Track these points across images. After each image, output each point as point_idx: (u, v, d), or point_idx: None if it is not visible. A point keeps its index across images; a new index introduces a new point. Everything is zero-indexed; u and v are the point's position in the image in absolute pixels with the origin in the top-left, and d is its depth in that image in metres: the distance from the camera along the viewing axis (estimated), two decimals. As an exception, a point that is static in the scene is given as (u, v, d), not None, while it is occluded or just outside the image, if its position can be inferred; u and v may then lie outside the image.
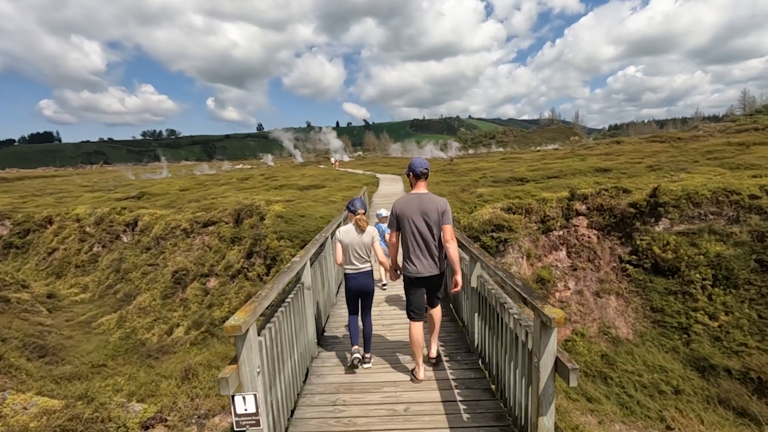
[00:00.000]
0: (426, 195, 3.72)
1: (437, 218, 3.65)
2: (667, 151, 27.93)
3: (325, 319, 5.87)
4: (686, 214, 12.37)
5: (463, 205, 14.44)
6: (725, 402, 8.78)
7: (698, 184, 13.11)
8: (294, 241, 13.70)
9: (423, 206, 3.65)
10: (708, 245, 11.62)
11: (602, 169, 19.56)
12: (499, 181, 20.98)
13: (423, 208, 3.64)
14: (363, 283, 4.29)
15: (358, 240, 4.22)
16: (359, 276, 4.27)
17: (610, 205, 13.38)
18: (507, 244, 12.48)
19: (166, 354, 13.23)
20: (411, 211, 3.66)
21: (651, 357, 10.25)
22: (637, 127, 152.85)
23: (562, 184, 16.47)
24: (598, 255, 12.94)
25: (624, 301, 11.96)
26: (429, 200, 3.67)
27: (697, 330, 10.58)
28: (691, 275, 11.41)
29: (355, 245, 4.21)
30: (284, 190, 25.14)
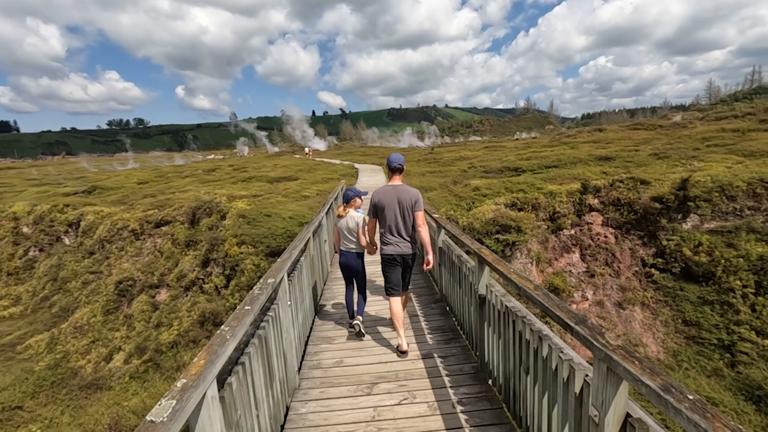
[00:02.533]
0: (401, 186, 4.13)
1: (410, 206, 4.07)
2: (659, 138, 26.61)
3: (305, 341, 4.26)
4: (719, 209, 10.66)
5: (459, 200, 12.37)
6: (798, 446, 7.10)
7: (727, 173, 11.43)
8: (258, 247, 11.34)
9: (398, 196, 4.07)
10: (748, 246, 9.94)
11: (604, 158, 17.86)
12: (491, 171, 19.05)
13: (398, 197, 4.07)
14: (350, 262, 4.58)
15: (344, 225, 4.57)
16: (348, 254, 4.61)
17: (629, 199, 11.57)
18: (515, 247, 10.49)
19: (100, 389, 10.75)
20: (388, 200, 4.07)
21: (694, 384, 8.50)
22: (609, 116, 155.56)
23: (565, 175, 14.63)
24: (617, 258, 11.13)
25: (651, 313, 10.20)
26: (403, 191, 4.10)
27: (744, 349, 8.89)
28: (731, 282, 9.71)
29: (342, 230, 4.58)
30: (252, 183, 22.53)
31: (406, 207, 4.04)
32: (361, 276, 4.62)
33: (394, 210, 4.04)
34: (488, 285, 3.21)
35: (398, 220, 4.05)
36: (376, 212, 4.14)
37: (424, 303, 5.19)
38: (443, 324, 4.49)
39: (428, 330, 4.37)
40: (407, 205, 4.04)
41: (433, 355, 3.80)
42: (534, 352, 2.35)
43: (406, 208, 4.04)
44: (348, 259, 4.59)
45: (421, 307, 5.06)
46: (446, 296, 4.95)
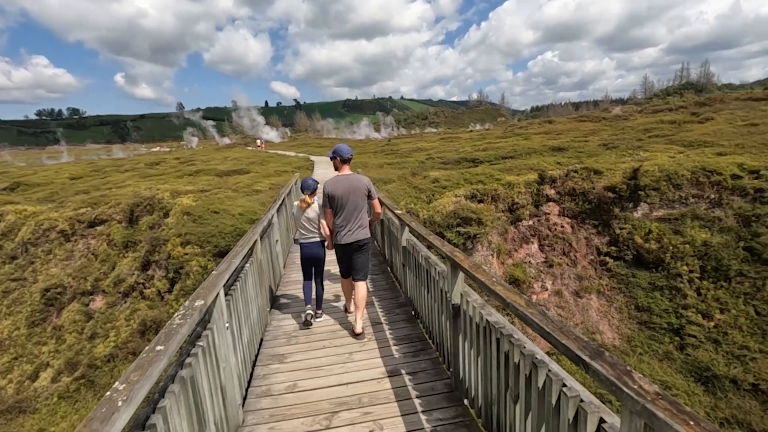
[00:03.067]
0: (352, 175, 4.24)
1: (364, 194, 4.23)
2: (605, 130, 27.77)
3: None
4: (666, 197, 11.05)
5: (419, 193, 12.05)
6: (743, 424, 7.42)
7: (671, 163, 11.89)
8: (204, 246, 10.44)
9: (351, 185, 4.17)
10: (693, 232, 10.37)
11: (556, 148, 18.22)
12: (449, 162, 18.94)
13: (351, 187, 4.16)
14: (312, 251, 4.62)
15: (309, 214, 4.60)
16: (310, 245, 4.62)
17: (583, 189, 11.76)
18: (476, 240, 10.33)
19: (24, 413, 9.53)
20: (341, 190, 4.14)
21: (648, 369, 8.74)
22: (556, 108, 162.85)
23: (522, 165, 14.72)
24: (574, 247, 11.29)
25: (606, 300, 10.43)
26: (355, 179, 4.21)
27: (692, 332, 9.26)
28: (678, 267, 10.10)
29: (302, 221, 4.62)
30: (200, 177, 21.11)
31: (359, 195, 4.18)
32: (321, 264, 4.70)
33: (349, 199, 4.15)
34: (463, 293, 2.82)
35: (352, 209, 4.18)
36: (330, 203, 4.20)
37: (387, 308, 4.76)
38: (410, 332, 4.08)
39: (394, 340, 3.94)
40: (360, 193, 4.19)
41: (401, 371, 3.37)
42: (526, 379, 1.97)
43: (359, 196, 4.19)
44: (311, 250, 4.62)
45: (385, 313, 4.63)
46: (412, 300, 4.54)
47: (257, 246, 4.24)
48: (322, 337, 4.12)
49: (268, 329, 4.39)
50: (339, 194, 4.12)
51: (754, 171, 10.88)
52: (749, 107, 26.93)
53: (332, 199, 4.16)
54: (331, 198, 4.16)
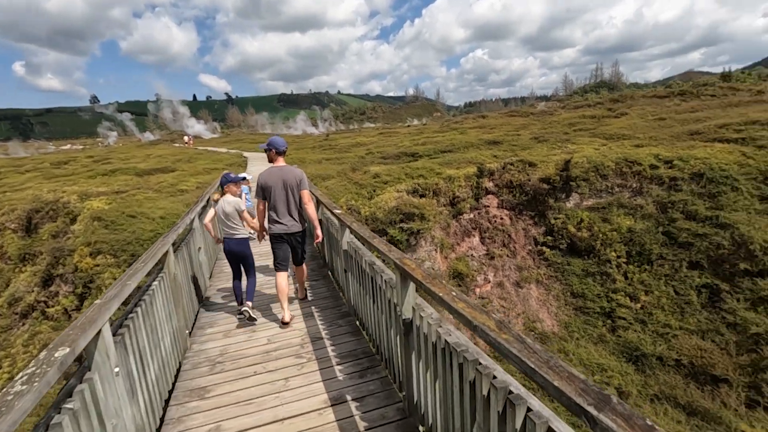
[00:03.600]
0: (285, 167, 4.28)
1: (296, 185, 4.23)
2: (534, 124, 29.13)
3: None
4: (595, 187, 11.61)
5: (360, 188, 11.61)
6: (671, 398, 7.90)
7: (597, 155, 12.53)
8: (119, 256, 9.20)
9: (284, 177, 4.20)
10: (619, 220, 10.98)
11: (492, 142, 18.68)
12: (389, 157, 18.70)
13: (284, 178, 4.20)
14: (234, 248, 4.52)
15: (220, 209, 4.52)
16: (229, 240, 4.53)
17: (520, 181, 12.02)
18: (419, 235, 10.12)
19: None
20: (274, 181, 4.18)
21: (585, 354, 9.08)
22: (487, 104, 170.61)
23: (460, 159, 14.82)
24: (513, 238, 11.51)
25: (545, 289, 10.74)
26: (288, 171, 4.24)
27: (621, 314, 9.79)
28: (607, 253, 10.64)
29: (219, 214, 4.53)
30: (116, 177, 18.98)
31: (292, 186, 4.20)
32: (250, 261, 4.58)
33: (281, 190, 4.17)
34: (416, 307, 2.43)
35: (285, 200, 4.21)
36: (264, 194, 4.22)
37: (329, 319, 4.27)
38: (355, 347, 3.64)
39: (337, 358, 3.48)
40: (293, 184, 4.20)
41: (346, 397, 2.92)
42: (499, 416, 1.61)
43: (292, 187, 4.20)
44: (230, 245, 4.52)
45: (326, 325, 4.14)
46: (356, 310, 4.10)
47: (169, 258, 3.56)
48: (254, 360, 3.55)
49: (187, 355, 3.73)
50: (272, 185, 4.15)
51: (668, 161, 11.76)
52: (655, 103, 29.61)
53: (265, 190, 4.18)
54: (264, 189, 4.19)
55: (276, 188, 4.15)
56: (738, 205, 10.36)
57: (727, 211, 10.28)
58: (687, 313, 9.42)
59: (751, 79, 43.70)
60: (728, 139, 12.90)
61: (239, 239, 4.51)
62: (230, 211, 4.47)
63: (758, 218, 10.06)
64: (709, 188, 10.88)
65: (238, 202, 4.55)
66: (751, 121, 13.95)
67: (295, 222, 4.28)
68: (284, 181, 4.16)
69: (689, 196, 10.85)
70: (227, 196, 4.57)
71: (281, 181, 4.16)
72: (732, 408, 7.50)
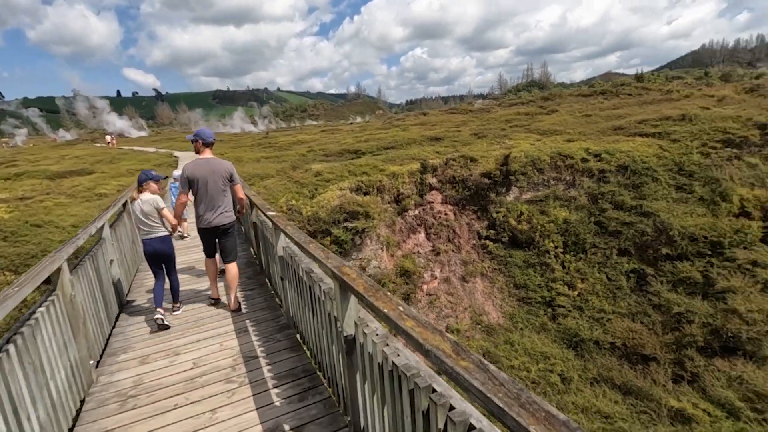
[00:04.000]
0: (213, 159, 4.20)
1: (225, 178, 4.18)
2: (473, 121, 29.98)
3: None
4: (532, 181, 12.00)
5: (301, 187, 11.09)
6: (608, 380, 8.29)
7: (533, 149, 12.99)
8: (21, 272, 7.99)
9: (212, 169, 4.11)
10: (555, 212, 11.43)
11: (434, 138, 18.85)
12: (332, 155, 18.25)
13: (212, 170, 4.10)
14: (156, 248, 4.33)
15: (138, 209, 4.29)
16: (152, 241, 4.32)
17: (462, 176, 12.14)
18: (365, 234, 9.83)
19: None
20: (201, 173, 4.07)
21: (529, 343, 9.32)
22: (428, 102, 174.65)
23: (403, 155, 14.75)
24: (458, 233, 11.59)
25: (489, 282, 10.92)
26: (216, 164, 4.16)
27: (560, 302, 10.18)
28: (546, 244, 11.03)
29: (137, 214, 4.30)
30: (22, 181, 16.77)
31: (220, 179, 4.13)
32: (172, 260, 4.44)
33: (209, 183, 4.08)
34: (359, 322, 2.12)
35: (213, 193, 4.12)
36: (190, 186, 4.12)
37: (265, 333, 3.83)
38: (295, 365, 3.25)
39: (274, 380, 3.08)
40: (222, 177, 4.14)
41: (284, 427, 2.54)
42: None
43: (220, 180, 4.13)
44: (153, 246, 4.32)
45: (262, 341, 3.70)
46: (296, 321, 3.71)
47: (62, 278, 2.95)
48: (175, 390, 3.05)
49: (92, 391, 3.13)
50: (199, 178, 4.04)
51: (597, 154, 12.45)
52: (581, 101, 31.61)
53: (192, 182, 4.07)
54: (190, 181, 4.07)
55: (203, 181, 4.05)
56: (658, 194, 11.19)
57: (649, 201, 11.05)
58: (618, 298, 9.99)
59: (660, 80, 48.50)
60: (647, 133, 13.94)
61: (162, 237, 4.34)
62: (149, 210, 4.25)
63: (675, 206, 10.92)
64: (633, 179, 11.64)
65: (156, 199, 4.33)
66: (664, 117, 15.20)
67: (224, 215, 4.22)
68: (212, 174, 4.07)
69: (616, 187, 11.55)
70: (145, 194, 4.32)
71: (209, 173, 4.06)
72: (661, 384, 8.02)
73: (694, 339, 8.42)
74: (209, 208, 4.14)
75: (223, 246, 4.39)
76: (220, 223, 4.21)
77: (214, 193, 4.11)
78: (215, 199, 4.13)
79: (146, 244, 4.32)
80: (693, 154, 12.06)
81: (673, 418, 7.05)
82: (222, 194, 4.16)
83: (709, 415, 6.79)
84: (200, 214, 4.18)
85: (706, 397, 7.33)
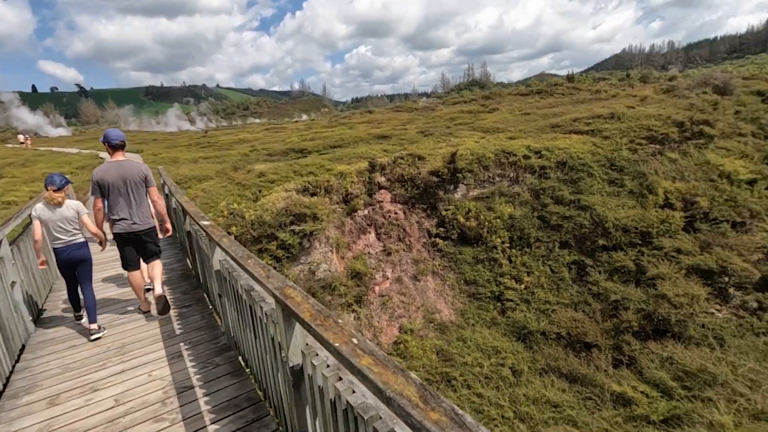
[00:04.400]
0: (125, 162, 4.02)
1: (140, 181, 4.03)
2: (418, 119, 30.29)
3: None
4: (479, 178, 12.22)
5: (243, 189, 10.46)
6: (555, 370, 8.59)
7: (478, 147, 13.25)
8: None
9: (124, 172, 3.95)
10: (501, 208, 11.70)
11: (381, 136, 18.76)
12: (276, 154, 17.56)
13: (124, 173, 3.94)
14: (75, 255, 4.12)
15: (58, 215, 4.01)
16: (69, 248, 4.09)
17: (411, 174, 12.09)
18: (313, 237, 9.45)
19: None
20: (112, 177, 3.92)
21: (481, 338, 9.45)
22: (374, 100, 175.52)
23: (351, 154, 14.47)
24: (408, 232, 11.53)
25: (441, 280, 10.96)
26: (129, 166, 3.99)
27: (509, 296, 10.43)
28: (493, 240, 11.27)
29: (55, 220, 4.01)
30: None
31: (134, 183, 3.99)
32: (88, 265, 4.21)
33: (122, 187, 3.94)
34: (306, 351, 1.85)
35: (128, 197, 3.98)
36: (101, 191, 3.97)
37: (203, 357, 3.42)
38: (237, 393, 2.90)
39: (213, 413, 2.72)
40: (135, 180, 3.99)
41: (223, 472, 2.22)
42: None
43: (134, 183, 3.99)
44: (72, 253, 4.08)
45: (199, 367, 3.29)
46: (237, 342, 3.35)
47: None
48: (91, 436, 2.60)
49: None
50: (109, 182, 3.92)
51: (538, 151, 12.93)
52: (519, 100, 33.00)
53: (102, 186, 3.93)
54: (100, 186, 3.93)
55: (114, 185, 3.92)
56: (594, 189, 11.81)
57: (586, 195, 11.64)
58: (562, 289, 10.42)
59: (589, 81, 51.93)
60: (581, 131, 14.72)
61: (81, 243, 4.14)
62: (71, 216, 4.06)
63: (609, 199, 11.59)
64: (570, 175, 12.21)
65: (79, 204, 4.16)
66: (596, 115, 16.15)
67: (140, 220, 4.08)
68: (124, 177, 3.93)
69: (556, 183, 12.05)
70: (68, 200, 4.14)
71: (120, 177, 3.92)
72: (603, 370, 8.42)
73: (630, 324, 8.94)
74: (122, 212, 3.99)
75: (144, 251, 4.24)
76: (140, 229, 4.06)
77: (128, 197, 3.97)
78: (131, 204, 3.99)
79: (62, 252, 4.06)
80: (622, 151, 12.89)
81: (615, 402, 7.41)
82: (137, 198, 4.02)
83: (646, 396, 7.21)
84: (115, 219, 4.01)
85: (643, 379, 7.79)
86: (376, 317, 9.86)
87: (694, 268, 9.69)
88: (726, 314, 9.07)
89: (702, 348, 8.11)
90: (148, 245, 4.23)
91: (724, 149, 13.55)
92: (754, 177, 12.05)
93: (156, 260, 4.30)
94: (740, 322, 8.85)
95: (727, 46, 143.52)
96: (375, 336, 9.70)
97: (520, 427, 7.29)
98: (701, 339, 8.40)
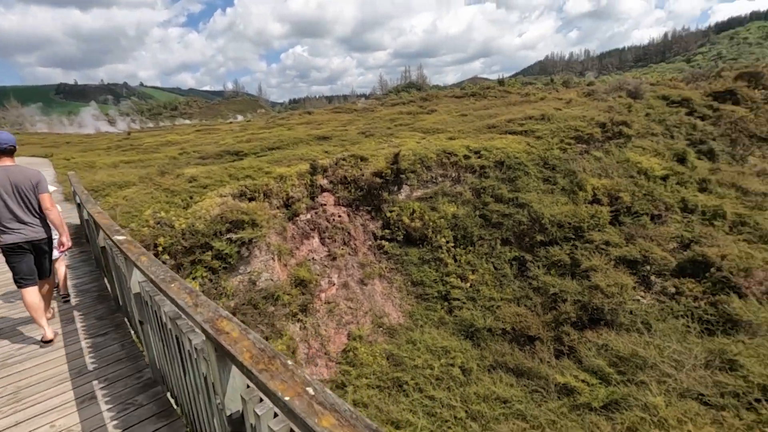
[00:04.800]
0: (13, 167, 3.80)
1: (31, 188, 3.81)
2: (358, 120, 30.14)
3: None
4: (422, 178, 12.24)
5: (172, 196, 9.57)
6: (503, 365, 8.76)
7: (420, 147, 13.31)
8: None
9: (12, 179, 3.75)
10: (444, 207, 11.81)
11: (321, 137, 18.29)
12: (209, 157, 16.46)
13: (12, 180, 3.74)
14: None
15: None
16: None
17: (354, 176, 11.82)
18: (252, 245, 8.86)
19: None
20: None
21: (430, 339, 9.41)
22: (312, 101, 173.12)
23: (291, 156, 13.91)
24: (353, 235, 11.25)
25: (388, 282, 10.81)
26: (17, 172, 3.78)
27: (455, 295, 10.52)
28: (438, 240, 11.33)
29: None
30: None
31: (24, 189, 3.82)
32: None
33: (10, 195, 3.77)
34: (247, 396, 1.52)
35: (17, 205, 3.80)
36: None
37: (122, 397, 2.90)
38: (164, 439, 2.46)
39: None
40: (26, 187, 3.83)
41: None
42: None
43: (24, 190, 3.82)
44: None
45: (117, 409, 2.78)
46: (164, 376, 2.88)
47: None
48: None
49: None
50: None
51: (477, 151, 13.25)
52: (455, 102, 34.01)
53: None
54: None
55: (1, 193, 3.70)
56: (530, 186, 12.31)
57: (523, 193, 12.10)
58: (505, 285, 10.71)
59: (518, 85, 55.01)
60: (515, 131, 15.35)
61: None
62: None
63: (544, 197, 12.14)
64: (508, 174, 12.64)
65: None
66: (528, 116, 16.95)
67: (35, 228, 3.87)
68: (12, 184, 3.72)
69: (495, 182, 12.41)
70: None
71: (8, 184, 3.72)
72: (546, 362, 8.73)
73: (568, 316, 9.38)
74: (10, 222, 3.75)
75: (39, 265, 4.01)
76: (28, 238, 3.80)
77: (17, 204, 3.76)
78: (21, 212, 3.78)
79: None
80: (554, 150, 13.60)
81: (559, 392, 7.68)
82: (29, 206, 3.82)
83: (587, 384, 7.54)
84: (4, 230, 3.76)
85: (583, 367, 8.17)
86: (323, 325, 9.47)
87: (621, 258, 10.40)
88: (650, 300, 9.82)
89: (632, 333, 8.68)
90: (43, 260, 4.00)
91: (640, 148, 14.79)
92: (667, 173, 13.25)
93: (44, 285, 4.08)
94: (662, 307, 9.61)
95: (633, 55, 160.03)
96: (323, 345, 9.31)
97: (472, 426, 7.31)
98: (630, 325, 9.00)
